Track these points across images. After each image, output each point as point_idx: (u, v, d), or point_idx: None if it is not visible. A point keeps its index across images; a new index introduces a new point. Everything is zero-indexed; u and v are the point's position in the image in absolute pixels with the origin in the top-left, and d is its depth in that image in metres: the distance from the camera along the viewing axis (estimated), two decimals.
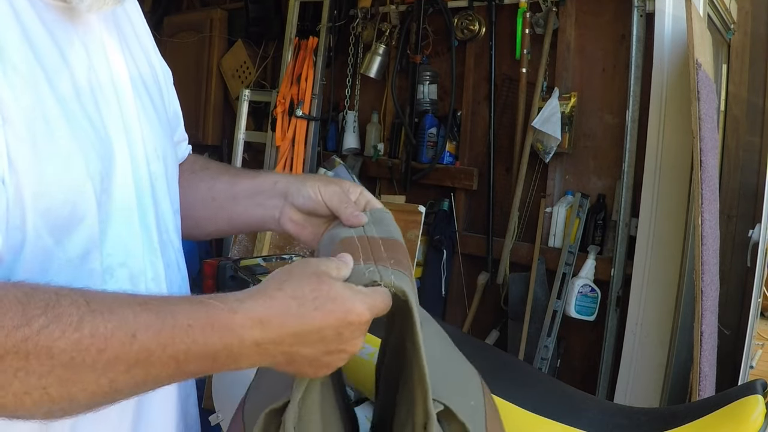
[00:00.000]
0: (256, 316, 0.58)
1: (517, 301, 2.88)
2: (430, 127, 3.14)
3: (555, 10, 2.80)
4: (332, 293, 0.60)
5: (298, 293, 0.60)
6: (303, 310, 0.59)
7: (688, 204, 2.30)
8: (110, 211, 0.70)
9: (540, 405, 1.06)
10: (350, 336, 0.61)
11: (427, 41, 3.19)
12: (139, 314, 0.55)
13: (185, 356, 0.56)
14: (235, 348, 0.58)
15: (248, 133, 3.86)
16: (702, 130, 1.95)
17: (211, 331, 0.57)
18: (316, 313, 0.59)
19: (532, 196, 2.92)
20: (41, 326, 0.51)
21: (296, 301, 0.59)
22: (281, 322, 0.59)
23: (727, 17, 3.14)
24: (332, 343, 0.61)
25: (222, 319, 0.57)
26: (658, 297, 2.39)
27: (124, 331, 0.54)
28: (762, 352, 3.85)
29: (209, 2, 4.27)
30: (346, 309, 0.60)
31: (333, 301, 0.60)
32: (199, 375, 0.61)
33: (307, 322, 0.59)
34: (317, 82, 3.48)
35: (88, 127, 0.67)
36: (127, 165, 0.73)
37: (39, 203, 0.62)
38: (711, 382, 2.01)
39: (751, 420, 0.94)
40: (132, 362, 0.54)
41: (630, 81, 2.55)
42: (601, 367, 2.59)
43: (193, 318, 0.57)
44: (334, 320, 0.60)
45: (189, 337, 0.56)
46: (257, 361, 0.60)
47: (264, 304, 0.59)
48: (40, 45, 0.64)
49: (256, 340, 0.58)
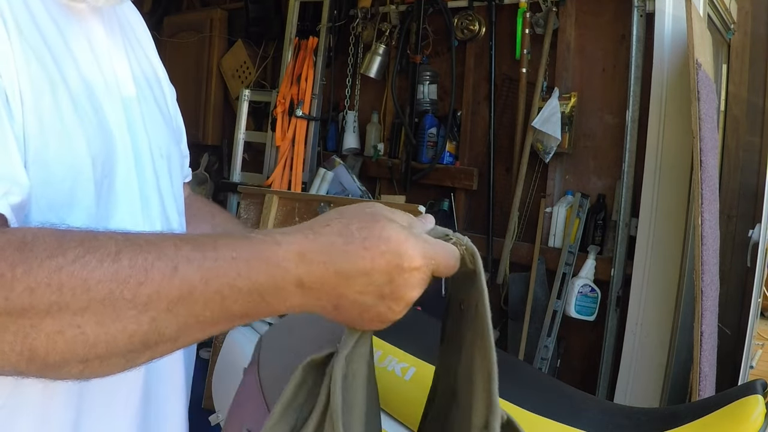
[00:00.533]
0: (298, 250, 0.54)
1: (517, 301, 2.88)
2: (430, 127, 3.15)
3: (555, 10, 2.80)
4: (385, 233, 0.55)
5: (346, 231, 0.55)
6: (350, 247, 0.54)
7: (688, 204, 2.30)
8: (112, 199, 0.69)
9: (540, 405, 1.06)
10: (404, 284, 0.56)
11: (427, 41, 3.19)
12: (180, 247, 0.51)
13: (230, 291, 0.52)
14: (280, 283, 0.53)
15: (248, 133, 3.86)
16: (702, 130, 1.95)
17: (257, 263, 0.53)
18: (365, 252, 0.54)
19: (532, 196, 2.92)
20: (77, 256, 0.48)
21: (342, 238, 0.54)
22: (324, 258, 0.54)
23: (727, 17, 3.14)
24: (384, 289, 0.55)
25: (266, 251, 0.53)
26: (658, 297, 2.39)
27: (165, 263, 0.50)
28: (762, 352, 3.85)
29: (209, 2, 4.27)
30: (398, 252, 0.54)
31: (386, 241, 0.54)
32: (248, 318, 0.55)
33: (353, 261, 0.54)
34: (317, 82, 3.48)
35: (91, 113, 0.67)
36: (130, 157, 0.72)
37: (41, 174, 0.60)
38: (711, 382, 2.01)
39: (751, 420, 0.94)
40: (174, 298, 0.50)
41: (630, 81, 2.55)
42: (601, 367, 2.59)
43: (237, 250, 0.53)
44: (384, 263, 0.54)
45: (233, 269, 0.52)
46: (304, 303, 0.55)
47: (306, 239, 0.54)
48: (47, 32, 0.65)
49: (300, 277, 0.54)
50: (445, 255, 0.58)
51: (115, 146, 0.70)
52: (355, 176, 3.28)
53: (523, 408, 1.05)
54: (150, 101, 0.80)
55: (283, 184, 3.43)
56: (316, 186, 3.28)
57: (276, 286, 0.53)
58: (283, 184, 3.42)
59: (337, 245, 0.54)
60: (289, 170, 3.46)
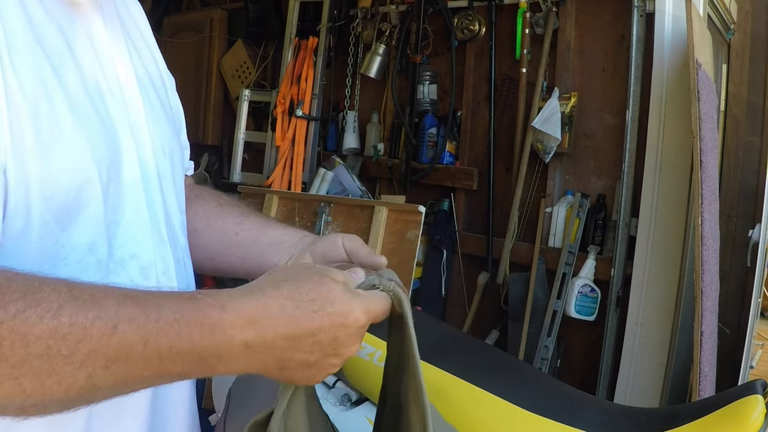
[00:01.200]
0: (248, 315, 0.55)
1: (517, 301, 2.88)
2: (430, 127, 3.14)
3: (555, 10, 2.80)
4: (331, 296, 0.58)
5: (295, 294, 0.57)
6: (299, 312, 0.56)
7: (688, 204, 2.30)
8: (120, 202, 0.69)
9: (540, 405, 1.06)
10: (346, 341, 0.59)
11: (427, 41, 3.18)
12: (122, 305, 0.51)
13: (169, 354, 0.52)
14: (223, 348, 0.54)
15: (248, 133, 3.86)
16: (702, 130, 1.95)
17: (198, 328, 0.53)
18: (314, 315, 0.57)
19: (532, 196, 2.92)
20: (18, 310, 0.48)
21: (293, 302, 0.56)
22: (274, 323, 0.55)
23: (727, 17, 3.14)
24: (328, 348, 0.58)
25: (211, 316, 0.54)
26: (658, 297, 2.39)
27: (105, 322, 0.50)
28: (762, 352, 3.85)
29: (209, 2, 4.27)
30: (344, 312, 0.58)
31: (331, 303, 0.58)
32: (187, 377, 0.56)
33: (303, 325, 0.56)
34: (317, 82, 3.48)
35: (94, 116, 0.67)
36: (134, 157, 0.72)
37: (44, 189, 0.60)
38: (711, 382, 2.01)
39: (751, 420, 0.94)
40: (112, 356, 0.50)
41: (630, 81, 2.55)
42: (601, 367, 2.59)
43: (180, 313, 0.53)
44: (330, 324, 0.57)
45: (174, 332, 0.52)
46: (247, 365, 0.56)
47: (257, 303, 0.56)
48: (45, 35, 0.64)
49: (247, 341, 0.54)
50: (381, 306, 0.62)
51: (120, 148, 0.70)
52: (355, 176, 3.28)
53: (523, 408, 1.05)
54: (153, 98, 0.80)
55: (283, 184, 3.43)
56: (316, 186, 3.28)
57: (218, 351, 0.54)
58: (283, 184, 3.42)
59: (287, 309, 0.56)
60: (289, 170, 3.46)
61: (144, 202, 0.73)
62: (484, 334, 2.99)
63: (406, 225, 2.63)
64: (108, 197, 0.67)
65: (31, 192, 0.60)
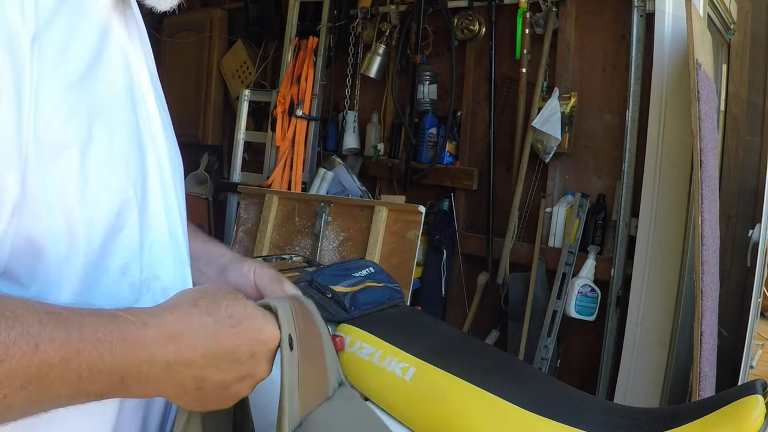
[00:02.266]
0: (169, 331, 0.54)
1: (517, 301, 2.88)
2: (430, 127, 3.14)
3: (555, 10, 2.80)
4: (247, 311, 0.59)
5: (214, 310, 0.57)
6: (218, 327, 0.56)
7: (688, 204, 2.30)
8: (147, 221, 0.68)
9: (540, 405, 1.06)
10: (262, 358, 0.59)
11: (427, 41, 3.18)
12: (45, 324, 0.50)
13: (89, 373, 0.51)
14: (144, 367, 0.53)
15: (248, 133, 3.86)
16: (702, 130, 1.95)
17: (121, 346, 0.52)
18: (232, 330, 0.57)
19: (532, 196, 2.92)
20: None
21: (212, 317, 0.56)
22: (195, 339, 0.55)
23: (727, 17, 3.13)
24: (245, 367, 0.58)
25: (133, 332, 0.53)
26: (658, 297, 2.39)
27: (27, 341, 0.48)
28: (762, 352, 3.85)
29: (209, 2, 4.27)
30: (260, 327, 0.59)
31: (248, 318, 0.58)
32: (102, 398, 0.54)
33: (223, 341, 0.56)
34: (317, 82, 3.48)
35: (126, 131, 0.65)
36: (156, 171, 0.70)
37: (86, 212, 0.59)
38: (711, 382, 2.01)
39: (751, 420, 0.94)
40: (31, 377, 0.48)
41: (630, 81, 2.55)
42: (601, 367, 2.59)
43: (103, 331, 0.52)
44: (248, 339, 0.58)
45: (96, 351, 0.51)
46: (166, 386, 0.55)
47: (177, 319, 0.55)
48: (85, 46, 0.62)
49: (168, 359, 0.54)
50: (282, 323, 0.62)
51: (146, 157, 0.68)
52: (355, 176, 3.28)
53: (523, 408, 1.05)
54: (164, 106, 0.77)
55: (283, 184, 3.43)
56: (316, 186, 3.28)
57: (138, 370, 0.53)
58: (283, 184, 3.42)
59: (207, 325, 0.56)
60: (289, 170, 3.46)
61: (164, 219, 0.71)
62: (484, 334, 2.99)
63: (406, 225, 2.63)
64: (140, 215, 0.66)
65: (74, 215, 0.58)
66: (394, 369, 1.13)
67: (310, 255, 2.72)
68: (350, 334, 1.21)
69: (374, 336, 1.20)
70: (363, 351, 1.17)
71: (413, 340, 1.20)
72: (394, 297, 1.45)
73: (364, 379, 1.17)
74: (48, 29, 0.58)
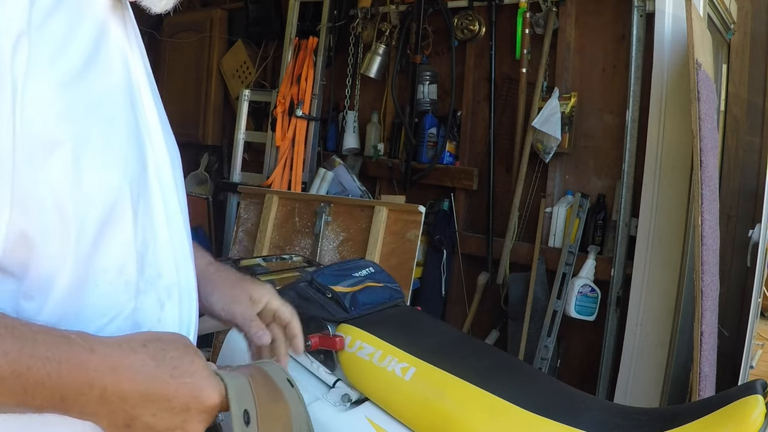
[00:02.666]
0: (112, 362, 0.57)
1: (517, 301, 2.88)
2: (430, 127, 3.14)
3: (555, 10, 2.80)
4: (192, 368, 0.60)
5: (159, 355, 0.59)
6: (159, 372, 0.58)
7: (688, 204, 2.30)
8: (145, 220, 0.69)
9: (540, 405, 1.06)
10: (196, 415, 0.60)
11: (427, 41, 3.18)
12: (4, 337, 0.53)
13: (34, 389, 0.54)
14: (84, 390, 0.56)
15: (248, 133, 3.86)
16: (702, 130, 1.95)
17: (66, 366, 0.55)
18: (171, 380, 0.58)
19: (532, 196, 2.92)
20: None
21: (155, 361, 0.59)
22: (133, 377, 0.57)
23: (727, 17, 3.13)
24: (177, 418, 0.59)
25: (80, 355, 0.56)
26: (658, 297, 2.39)
27: None
28: (762, 352, 3.85)
29: (209, 2, 4.27)
30: (200, 387, 0.60)
31: (191, 375, 0.60)
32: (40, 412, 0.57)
33: (159, 386, 0.58)
34: (317, 82, 3.48)
35: (123, 129, 0.66)
36: (154, 170, 0.71)
37: (79, 208, 0.61)
38: (711, 382, 2.01)
39: (751, 420, 0.94)
40: None
41: (630, 81, 2.55)
42: (601, 367, 2.59)
43: (53, 351, 0.55)
44: (185, 393, 0.59)
45: (45, 369, 0.54)
46: (99, 414, 0.57)
47: (122, 353, 0.58)
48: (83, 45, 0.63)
49: (105, 388, 0.56)
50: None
51: (146, 156, 0.69)
52: (355, 176, 3.28)
53: (523, 408, 1.05)
54: (158, 101, 0.77)
55: (283, 184, 3.43)
56: (316, 186, 3.28)
57: (79, 391, 0.55)
58: (283, 184, 3.42)
59: (148, 367, 0.58)
60: (289, 170, 3.46)
61: (164, 217, 0.72)
62: (484, 334, 2.99)
63: (406, 225, 2.63)
64: (137, 213, 0.67)
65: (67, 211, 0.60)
66: (394, 369, 1.13)
67: (310, 255, 2.72)
68: (350, 334, 1.21)
69: (374, 336, 1.20)
70: (363, 351, 1.17)
71: (413, 340, 1.20)
72: (394, 297, 1.45)
73: (364, 379, 1.17)
74: (43, 29, 0.59)
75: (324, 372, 1.21)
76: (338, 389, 1.19)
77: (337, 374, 1.20)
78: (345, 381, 1.19)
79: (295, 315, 0.91)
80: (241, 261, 1.53)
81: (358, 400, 1.17)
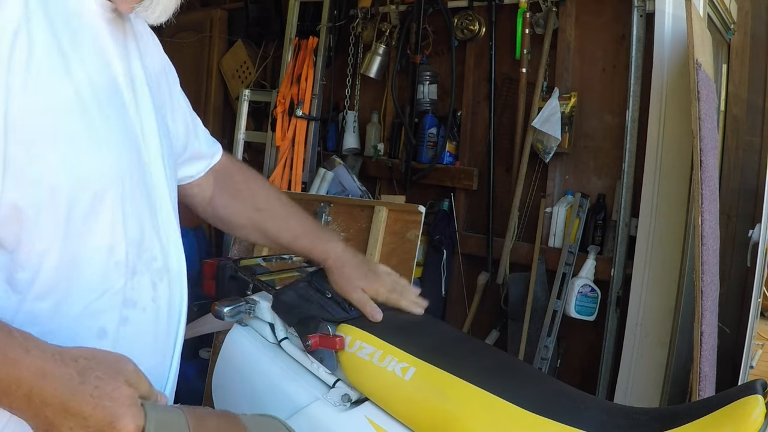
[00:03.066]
0: (42, 367, 0.59)
1: (517, 301, 2.88)
2: (430, 127, 3.14)
3: (555, 10, 2.80)
4: (114, 394, 0.61)
5: (86, 373, 0.61)
6: (81, 388, 0.60)
7: (688, 204, 2.30)
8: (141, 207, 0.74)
9: (540, 405, 1.05)
10: None
11: (427, 41, 3.18)
12: None
13: None
14: (13, 386, 0.58)
15: (248, 133, 3.86)
16: (702, 130, 1.95)
17: (2, 359, 0.58)
18: (90, 399, 0.60)
19: (532, 196, 2.92)
20: None
21: (80, 378, 0.61)
22: (57, 386, 0.59)
23: (727, 17, 3.14)
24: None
25: (16, 352, 0.59)
26: (658, 297, 2.39)
27: None
28: (762, 352, 3.85)
29: (209, 2, 4.27)
30: (117, 414, 0.61)
31: (111, 400, 0.61)
32: None
33: (78, 402, 0.60)
34: (317, 82, 3.48)
35: (116, 119, 0.71)
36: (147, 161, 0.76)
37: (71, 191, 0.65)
38: (711, 382, 2.01)
39: (751, 420, 0.93)
40: None
41: (630, 81, 2.55)
42: (601, 367, 2.59)
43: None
44: (101, 416, 0.60)
45: None
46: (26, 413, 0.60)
47: (54, 363, 0.60)
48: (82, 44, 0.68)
49: (31, 389, 0.59)
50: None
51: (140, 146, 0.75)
52: (355, 176, 3.28)
53: (523, 408, 1.05)
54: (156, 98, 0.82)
55: (283, 184, 3.43)
56: (316, 186, 3.28)
57: (8, 386, 0.59)
58: (283, 184, 3.42)
59: (73, 382, 0.60)
60: (289, 170, 3.46)
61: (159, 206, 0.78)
62: (484, 334, 2.99)
63: (406, 225, 2.63)
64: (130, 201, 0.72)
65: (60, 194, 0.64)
66: (394, 369, 1.13)
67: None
68: (350, 334, 1.21)
69: (374, 336, 1.20)
70: (363, 351, 1.17)
71: (413, 340, 1.20)
72: None
73: (364, 379, 1.17)
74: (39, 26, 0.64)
75: (324, 372, 1.21)
76: (338, 389, 1.19)
77: (337, 374, 1.20)
78: (345, 381, 1.19)
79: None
80: (241, 261, 1.52)
81: (358, 400, 1.17)
